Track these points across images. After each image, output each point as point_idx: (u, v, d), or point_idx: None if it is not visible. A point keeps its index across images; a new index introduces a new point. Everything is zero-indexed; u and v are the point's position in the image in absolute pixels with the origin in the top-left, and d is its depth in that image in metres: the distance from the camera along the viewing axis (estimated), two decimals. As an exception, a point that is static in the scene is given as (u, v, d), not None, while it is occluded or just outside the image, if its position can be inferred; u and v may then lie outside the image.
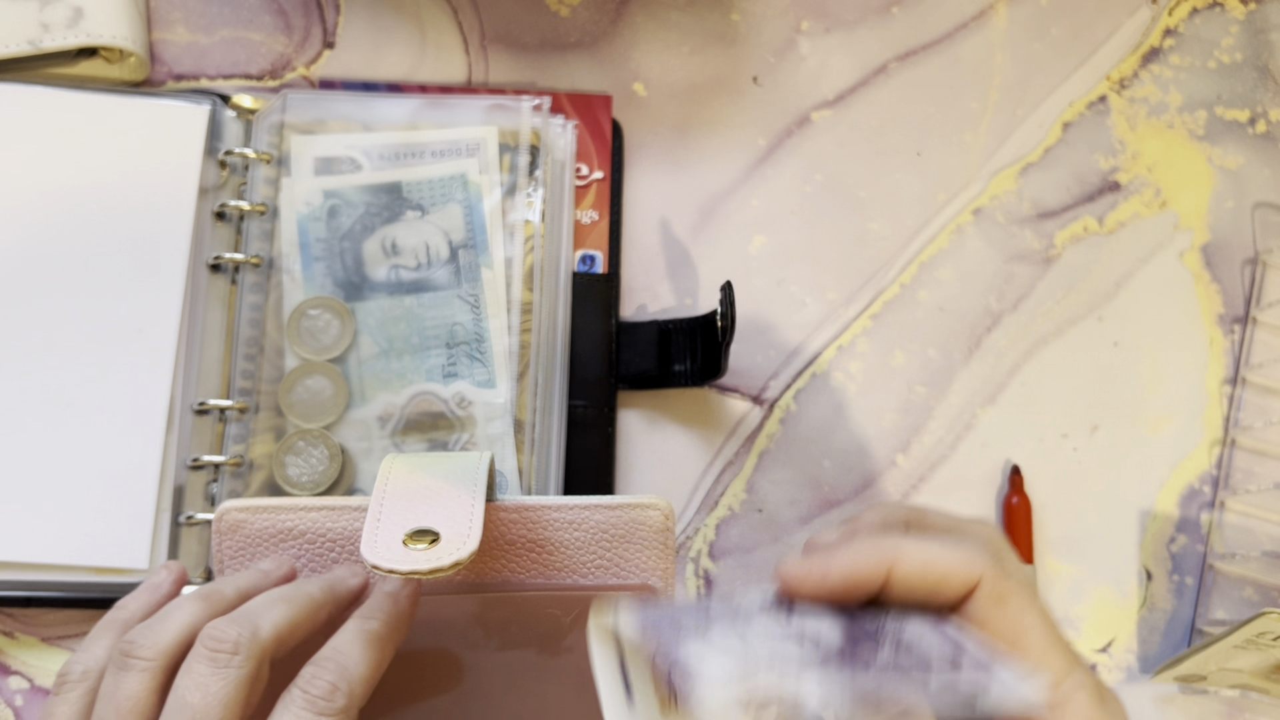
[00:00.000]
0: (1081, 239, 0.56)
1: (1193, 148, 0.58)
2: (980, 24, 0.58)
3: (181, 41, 0.53)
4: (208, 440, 0.49)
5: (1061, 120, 0.57)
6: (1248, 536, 0.55)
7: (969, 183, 0.56)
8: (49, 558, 0.46)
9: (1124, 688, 0.53)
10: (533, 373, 0.49)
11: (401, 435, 0.48)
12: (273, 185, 0.50)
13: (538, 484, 0.49)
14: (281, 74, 0.54)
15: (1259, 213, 0.57)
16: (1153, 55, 0.58)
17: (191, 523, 0.47)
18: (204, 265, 0.49)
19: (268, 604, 0.35)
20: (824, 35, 0.57)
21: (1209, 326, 0.56)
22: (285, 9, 0.54)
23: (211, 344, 0.49)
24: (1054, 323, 0.56)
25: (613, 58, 0.56)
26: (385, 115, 0.51)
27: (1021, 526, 0.53)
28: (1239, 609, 0.54)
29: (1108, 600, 0.54)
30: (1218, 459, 0.55)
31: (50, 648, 0.49)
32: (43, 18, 0.49)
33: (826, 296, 0.55)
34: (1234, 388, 0.56)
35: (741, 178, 0.55)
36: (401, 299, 0.49)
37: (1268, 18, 0.59)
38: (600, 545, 0.41)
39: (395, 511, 0.38)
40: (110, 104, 0.49)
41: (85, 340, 0.47)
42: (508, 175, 0.50)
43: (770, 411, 0.54)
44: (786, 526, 0.53)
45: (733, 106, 0.56)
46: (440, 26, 0.55)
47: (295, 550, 0.41)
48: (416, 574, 0.35)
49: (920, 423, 0.54)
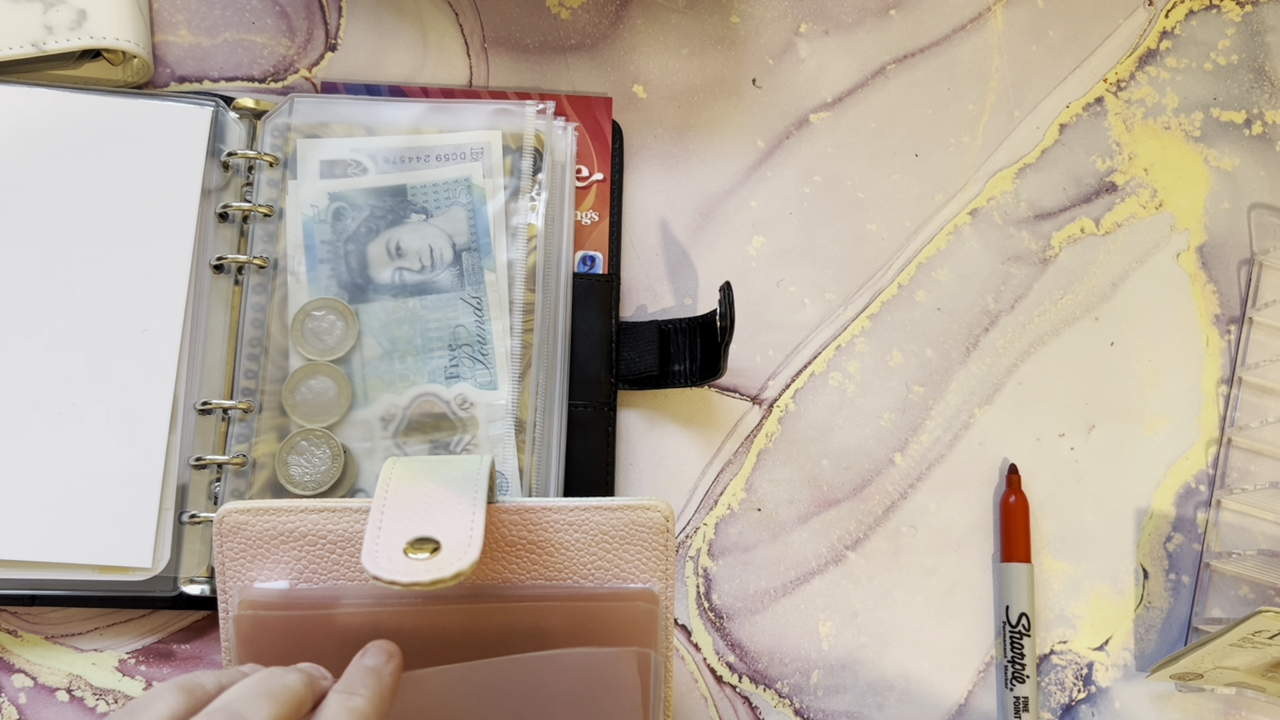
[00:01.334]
0: (1078, 240, 0.57)
1: (1189, 149, 0.58)
2: (978, 26, 0.58)
3: (184, 44, 0.54)
4: (211, 439, 0.49)
5: (1058, 122, 0.58)
6: (1244, 535, 0.55)
7: (966, 184, 0.57)
8: (52, 556, 0.46)
9: (1121, 685, 0.53)
10: (534, 373, 0.49)
11: (404, 436, 0.49)
12: (277, 187, 0.50)
13: (538, 484, 0.49)
14: (284, 76, 0.54)
15: (1255, 213, 0.58)
16: (1149, 57, 0.59)
17: (195, 521, 0.48)
18: (207, 266, 0.50)
19: (252, 698, 0.33)
20: (822, 38, 0.57)
21: (1205, 327, 0.57)
22: (288, 12, 0.54)
23: (215, 344, 0.49)
24: (1051, 323, 0.56)
25: (613, 60, 0.56)
26: (390, 119, 0.51)
27: (1019, 525, 0.53)
28: (1235, 607, 0.54)
29: (1105, 599, 0.54)
30: (1214, 458, 0.56)
31: (54, 646, 0.49)
32: (46, 20, 0.49)
33: (825, 297, 0.55)
34: (1230, 388, 0.56)
35: (741, 179, 0.56)
36: (405, 301, 0.50)
37: (1264, 20, 0.59)
38: (600, 546, 0.42)
39: (396, 519, 0.38)
40: (113, 106, 0.49)
41: (89, 340, 0.48)
42: (511, 179, 0.51)
43: (769, 411, 0.54)
44: (785, 525, 0.53)
45: (732, 108, 0.56)
46: (442, 29, 0.55)
47: (297, 552, 0.41)
48: (417, 585, 0.35)
49: (918, 422, 0.54)
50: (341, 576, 0.41)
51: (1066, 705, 0.53)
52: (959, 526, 0.54)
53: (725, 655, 0.52)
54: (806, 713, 0.52)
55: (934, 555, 0.53)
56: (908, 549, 0.53)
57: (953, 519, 0.54)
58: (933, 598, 0.53)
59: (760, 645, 0.52)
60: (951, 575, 0.53)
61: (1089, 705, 0.53)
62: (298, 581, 0.41)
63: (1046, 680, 0.53)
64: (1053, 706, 0.53)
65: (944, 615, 0.53)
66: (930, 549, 0.53)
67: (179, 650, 0.49)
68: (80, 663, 0.49)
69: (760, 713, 0.51)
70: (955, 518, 0.54)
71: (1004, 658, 0.52)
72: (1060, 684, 0.53)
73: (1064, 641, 0.53)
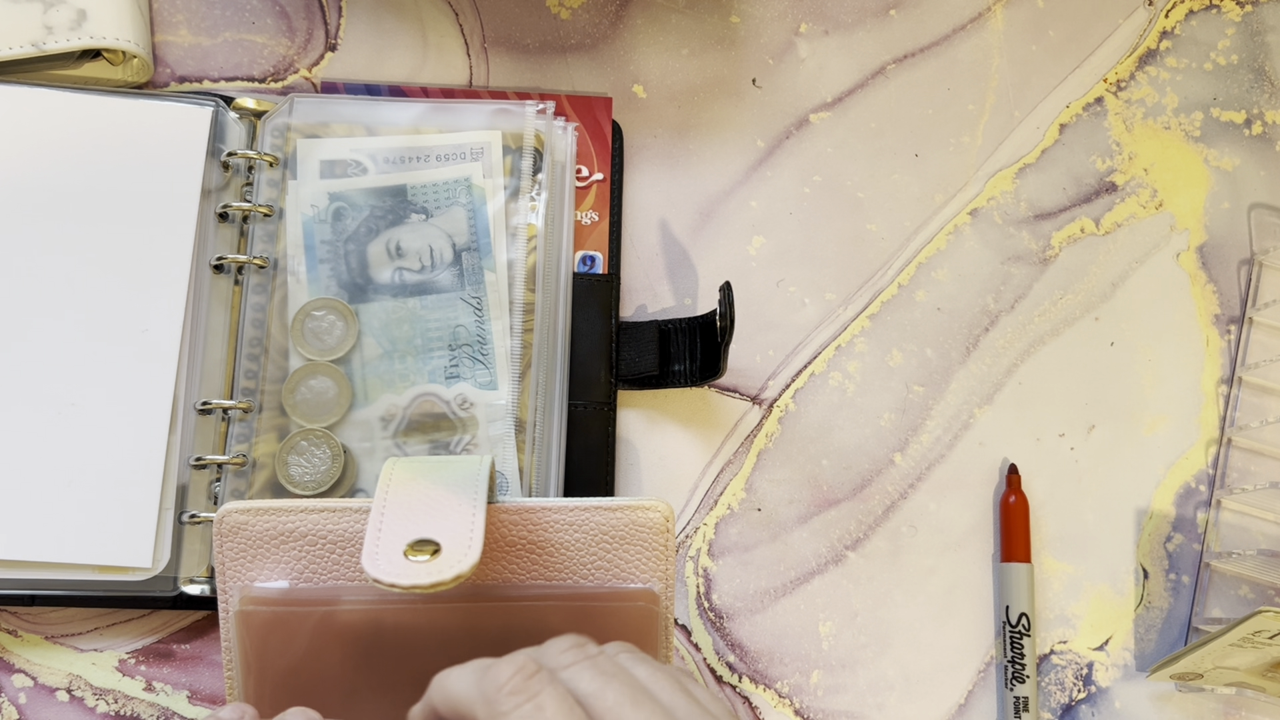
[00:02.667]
0: (1078, 240, 0.57)
1: (1189, 149, 0.58)
2: (978, 26, 0.58)
3: (184, 44, 0.54)
4: (211, 439, 0.49)
5: (1058, 122, 0.58)
6: (1244, 535, 0.55)
7: (966, 184, 0.57)
8: (52, 556, 0.46)
9: (1121, 685, 0.53)
10: (534, 373, 0.49)
11: (404, 436, 0.49)
12: (277, 187, 0.50)
13: (538, 484, 0.49)
14: (284, 76, 0.54)
15: (1255, 213, 0.58)
16: (1149, 57, 0.59)
17: (195, 521, 0.48)
18: (207, 266, 0.50)
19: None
20: (822, 38, 0.57)
21: (1205, 327, 0.57)
22: (288, 11, 0.54)
23: (214, 344, 0.49)
24: (1051, 323, 0.56)
25: (613, 60, 0.56)
26: (390, 119, 0.51)
27: (1019, 525, 0.53)
28: (1235, 607, 0.54)
29: (1104, 598, 0.54)
30: (1214, 458, 0.56)
31: (54, 646, 0.49)
32: (46, 20, 0.49)
33: (825, 297, 0.55)
34: (1230, 388, 0.56)
35: (741, 179, 0.56)
36: (405, 301, 0.50)
37: (1264, 20, 0.59)
38: (600, 547, 0.42)
39: (396, 521, 0.38)
40: (113, 106, 0.49)
41: (89, 340, 0.48)
42: (511, 179, 0.51)
43: (769, 411, 0.54)
44: (785, 525, 0.53)
45: (732, 108, 0.56)
46: (442, 29, 0.55)
47: (297, 552, 0.41)
48: (417, 589, 0.35)
49: (918, 422, 0.54)
50: (341, 576, 0.41)
51: (1066, 705, 0.53)
52: (959, 526, 0.54)
53: (725, 655, 0.52)
54: (806, 713, 0.52)
55: (934, 555, 0.53)
56: (908, 549, 0.53)
57: (953, 519, 0.54)
58: (933, 598, 0.53)
59: (760, 645, 0.52)
60: (951, 575, 0.53)
61: (1089, 705, 0.53)
62: (298, 581, 0.41)
63: (1046, 680, 0.53)
64: (1053, 706, 0.53)
65: (944, 615, 0.53)
66: (930, 549, 0.53)
67: (179, 650, 0.49)
68: (80, 663, 0.49)
69: (760, 713, 0.51)
70: (955, 518, 0.54)
71: (1004, 658, 0.52)
72: (1060, 684, 0.53)
73: (1064, 641, 0.53)
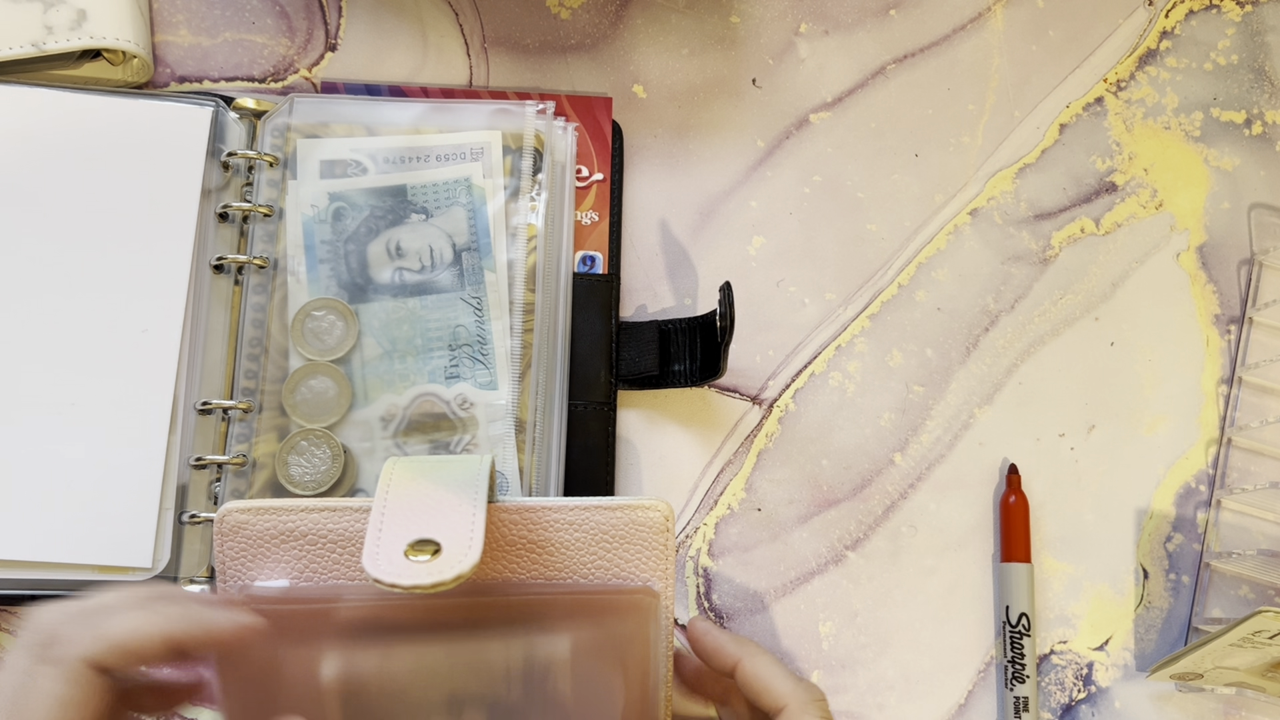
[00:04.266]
0: (1078, 240, 0.57)
1: (1189, 149, 0.58)
2: (978, 26, 0.58)
3: (184, 44, 0.54)
4: (211, 439, 0.49)
5: (1058, 122, 0.58)
6: (1244, 535, 0.55)
7: (966, 184, 0.57)
8: (53, 556, 0.46)
9: (1121, 685, 0.53)
10: (534, 373, 0.49)
11: (404, 436, 0.49)
12: (277, 187, 0.50)
13: (538, 484, 0.49)
14: (284, 76, 0.54)
15: (1255, 213, 0.58)
16: (1149, 57, 0.59)
17: (195, 521, 0.48)
18: (207, 266, 0.50)
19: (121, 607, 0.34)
20: (822, 38, 0.57)
21: (1205, 327, 0.57)
22: (288, 12, 0.55)
23: (215, 344, 0.49)
24: (1051, 323, 0.56)
25: (613, 60, 0.56)
26: (390, 119, 0.51)
27: (1019, 525, 0.53)
28: (1235, 607, 0.54)
29: (1105, 598, 0.54)
30: (1214, 458, 0.56)
31: (54, 646, 0.49)
32: (46, 20, 0.49)
33: (825, 297, 0.55)
34: (1230, 388, 0.56)
35: (741, 179, 0.56)
36: (405, 301, 0.50)
37: (1264, 20, 0.59)
38: (600, 546, 0.42)
39: (397, 521, 0.38)
40: (113, 106, 0.49)
41: (89, 340, 0.48)
42: (511, 179, 0.51)
43: (769, 411, 0.54)
44: (785, 525, 0.53)
45: (732, 108, 0.56)
46: (442, 29, 0.55)
47: (297, 551, 0.41)
48: (418, 589, 0.35)
49: (918, 422, 0.54)
50: (342, 576, 0.41)
51: (1066, 705, 0.53)
52: (959, 526, 0.54)
53: (725, 655, 0.52)
54: (806, 713, 0.52)
55: (934, 555, 0.53)
56: (908, 549, 0.53)
57: (953, 519, 0.54)
58: (933, 598, 0.53)
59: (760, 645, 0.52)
60: (951, 575, 0.53)
61: (1089, 705, 0.53)
62: (298, 580, 0.41)
63: (1046, 680, 0.53)
64: (1053, 706, 0.53)
65: (944, 615, 0.53)
66: (930, 549, 0.53)
67: (179, 650, 0.49)
68: (80, 663, 0.49)
69: (760, 713, 0.51)
70: (955, 518, 0.54)
71: (1004, 658, 0.52)
72: (1060, 684, 0.53)
73: (1064, 641, 0.53)
